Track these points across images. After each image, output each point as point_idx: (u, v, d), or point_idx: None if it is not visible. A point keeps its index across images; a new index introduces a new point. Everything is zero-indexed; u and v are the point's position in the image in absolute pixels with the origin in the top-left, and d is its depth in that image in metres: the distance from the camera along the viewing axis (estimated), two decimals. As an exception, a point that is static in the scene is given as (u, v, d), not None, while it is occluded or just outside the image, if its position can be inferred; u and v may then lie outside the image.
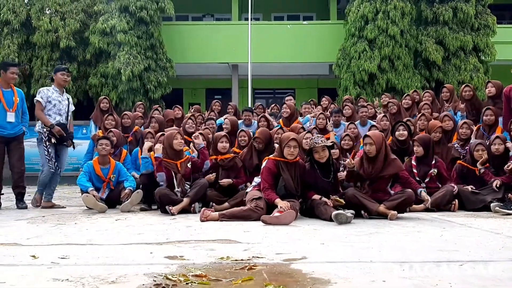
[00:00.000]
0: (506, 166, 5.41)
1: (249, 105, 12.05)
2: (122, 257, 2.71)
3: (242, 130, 6.55)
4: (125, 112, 7.41)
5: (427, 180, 5.55)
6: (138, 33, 14.10)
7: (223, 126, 7.24)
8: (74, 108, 6.42)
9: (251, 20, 14.62)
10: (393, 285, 2.03)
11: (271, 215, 4.30)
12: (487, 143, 5.75)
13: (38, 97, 5.92)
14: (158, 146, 5.40)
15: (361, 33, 14.05)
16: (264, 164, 4.87)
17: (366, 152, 4.74)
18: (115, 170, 5.95)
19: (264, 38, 15.38)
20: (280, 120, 7.62)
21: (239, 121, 7.75)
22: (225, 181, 5.61)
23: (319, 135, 5.02)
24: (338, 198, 4.65)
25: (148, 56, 14.12)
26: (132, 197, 5.56)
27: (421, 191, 4.68)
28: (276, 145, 5.54)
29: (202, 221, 4.40)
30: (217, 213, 4.56)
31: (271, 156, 4.92)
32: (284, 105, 7.64)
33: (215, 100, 9.26)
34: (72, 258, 2.68)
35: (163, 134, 5.79)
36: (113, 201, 5.87)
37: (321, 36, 15.78)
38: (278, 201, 4.49)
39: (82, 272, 2.32)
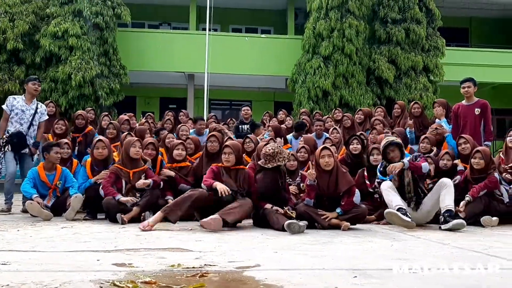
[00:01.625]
0: (452, 180, 5.60)
1: (205, 116, 11.97)
2: (67, 264, 2.58)
3: (188, 137, 6.57)
4: (80, 113, 7.16)
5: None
6: (92, 38, 13.78)
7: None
8: (47, 117, 6.50)
9: (209, 30, 14.60)
10: (346, 291, 2.03)
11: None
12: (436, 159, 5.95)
13: (4, 105, 6.28)
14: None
15: (316, 50, 14.35)
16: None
17: (324, 165, 4.76)
18: (61, 176, 5.69)
19: (222, 49, 15.39)
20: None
21: (192, 130, 7.71)
22: (166, 171, 5.52)
23: (284, 152, 5.03)
24: (289, 211, 4.64)
25: (101, 62, 13.81)
26: (72, 202, 5.18)
27: None
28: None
29: (146, 230, 4.25)
30: (158, 212, 4.45)
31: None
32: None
33: (168, 111, 9.16)
34: (14, 264, 2.53)
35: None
36: (59, 209, 5.59)
37: (278, 50, 15.98)
38: (216, 183, 4.47)
39: (24, 278, 2.18)
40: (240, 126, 8.53)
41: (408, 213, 4.62)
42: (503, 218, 5.20)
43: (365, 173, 5.69)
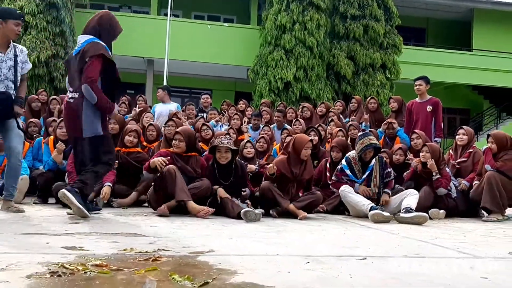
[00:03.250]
0: (405, 173, 5.80)
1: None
2: (14, 246, 2.50)
3: (151, 124, 6.45)
4: (36, 97, 7.03)
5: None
6: (48, 17, 13.29)
7: None
8: (30, 65, 4.48)
9: (170, 16, 14.36)
10: (297, 275, 2.07)
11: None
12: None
13: None
14: None
15: (278, 42, 14.38)
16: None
17: (304, 155, 4.83)
18: (11, 158, 5.47)
19: (183, 35, 15.19)
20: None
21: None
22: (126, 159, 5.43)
23: (228, 137, 5.03)
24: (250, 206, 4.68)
25: (57, 42, 13.35)
26: (18, 185, 4.82)
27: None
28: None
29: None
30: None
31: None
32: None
33: (123, 95, 8.99)
34: (-45, 246, 2.42)
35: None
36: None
37: (240, 40, 15.94)
38: (154, 160, 4.47)
39: (-34, 260, 2.09)
40: (199, 114, 8.46)
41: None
42: (451, 211, 5.44)
43: (328, 165, 5.78)
